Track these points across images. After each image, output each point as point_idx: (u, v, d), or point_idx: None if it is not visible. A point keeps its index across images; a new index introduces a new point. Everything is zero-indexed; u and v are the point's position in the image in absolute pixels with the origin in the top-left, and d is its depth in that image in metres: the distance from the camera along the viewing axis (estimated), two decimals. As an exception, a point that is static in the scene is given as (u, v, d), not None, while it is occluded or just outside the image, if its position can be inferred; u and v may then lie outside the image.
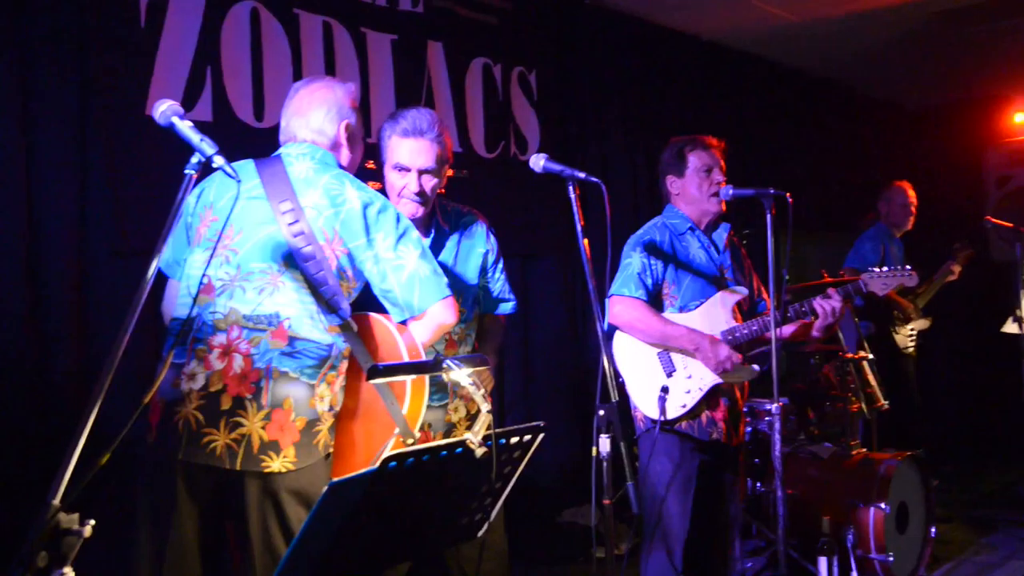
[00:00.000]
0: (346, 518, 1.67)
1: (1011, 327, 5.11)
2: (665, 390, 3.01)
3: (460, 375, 1.89)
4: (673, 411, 3.02)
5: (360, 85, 4.04)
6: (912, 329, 5.23)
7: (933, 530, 4.07)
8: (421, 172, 2.50)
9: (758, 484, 4.10)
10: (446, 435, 2.61)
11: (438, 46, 4.41)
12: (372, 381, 1.93)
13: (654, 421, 3.00)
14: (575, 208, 2.38)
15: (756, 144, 6.12)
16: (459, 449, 1.81)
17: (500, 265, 2.80)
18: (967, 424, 7.02)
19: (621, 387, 3.15)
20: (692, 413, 3.05)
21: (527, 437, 1.98)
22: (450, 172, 4.40)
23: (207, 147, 1.81)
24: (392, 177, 2.52)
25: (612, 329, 3.14)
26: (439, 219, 2.64)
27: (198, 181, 1.97)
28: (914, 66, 6.66)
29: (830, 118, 6.83)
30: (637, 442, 3.17)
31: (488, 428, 1.83)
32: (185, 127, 1.84)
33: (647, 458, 3.08)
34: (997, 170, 5.57)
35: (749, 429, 4.22)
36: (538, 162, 2.41)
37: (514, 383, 4.84)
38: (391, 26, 4.19)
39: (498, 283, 2.79)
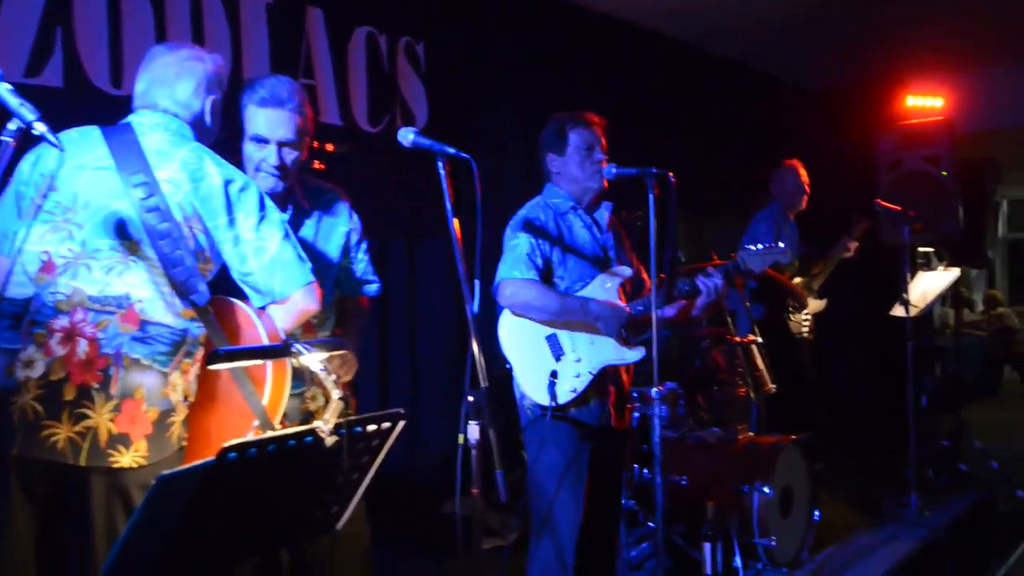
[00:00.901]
0: (182, 514, 1.64)
1: (899, 310, 5.34)
2: (554, 375, 3.04)
3: (310, 360, 1.87)
4: (563, 396, 3.05)
5: (232, 53, 3.94)
6: (807, 313, 5.40)
7: (817, 514, 4.24)
8: (280, 144, 2.46)
9: (645, 471, 4.18)
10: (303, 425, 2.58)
11: (318, 12, 4.33)
12: (212, 367, 1.90)
13: (543, 408, 3.02)
14: (445, 186, 2.37)
15: (656, 123, 6.21)
16: (308, 438, 1.79)
17: (364, 245, 2.78)
18: (859, 407, 7.33)
19: (508, 373, 3.17)
20: (582, 398, 3.09)
21: (386, 424, 1.97)
22: (330, 147, 4.40)
23: (27, 112, 1.75)
24: (249, 149, 2.47)
25: (498, 312, 3.16)
26: (298, 195, 2.60)
27: (21, 150, 1.89)
28: (813, 46, 6.86)
29: (729, 97, 6.97)
30: (523, 432, 3.20)
31: (340, 416, 1.82)
32: (3, 90, 1.76)
33: (536, 448, 3.11)
34: (889, 153, 5.79)
35: (637, 415, 4.30)
36: (407, 136, 2.39)
37: (400, 370, 4.83)
38: (266, -11, 4.10)
39: (361, 264, 2.78)
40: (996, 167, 6.21)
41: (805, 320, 5.37)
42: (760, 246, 3.15)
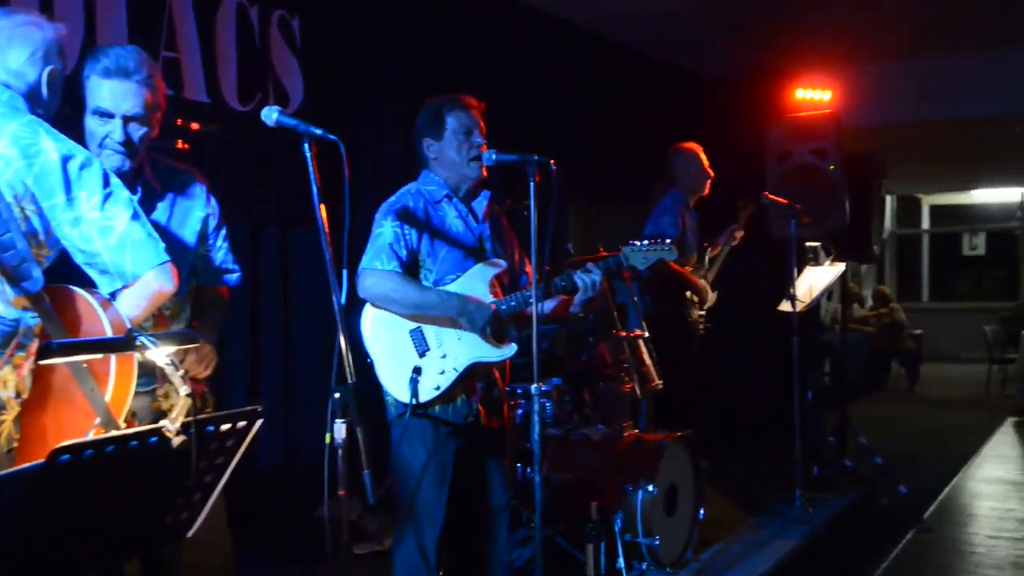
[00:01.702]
0: (9, 523, 1.56)
1: (785, 305, 5.52)
2: (418, 371, 3.02)
3: (156, 354, 1.81)
4: (426, 393, 3.04)
5: (84, 23, 3.78)
6: (703, 307, 5.51)
7: (702, 512, 4.35)
8: (127, 119, 2.36)
9: (528, 470, 4.21)
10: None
11: (182, -20, 4.19)
12: (44, 361, 1.82)
13: (406, 405, 3.01)
14: (311, 169, 2.34)
15: (550, 110, 6.26)
16: (153, 438, 1.73)
17: (223, 232, 2.71)
18: (747, 403, 7.55)
19: (371, 368, 3.14)
20: (447, 395, 3.08)
21: (241, 423, 1.93)
22: (195, 126, 4.27)
23: None
24: (91, 124, 2.37)
25: (361, 304, 3.13)
26: (148, 176, 2.51)
27: None
28: (708, 35, 7.03)
29: (626, 85, 7.08)
30: (388, 428, 3.18)
31: (191, 414, 1.77)
32: None
33: (397, 445, 3.09)
34: (778, 145, 5.95)
35: (520, 412, 4.33)
36: (270, 115, 2.35)
37: (272, 365, 4.74)
38: (124, -48, 3.94)
39: (220, 251, 2.71)
40: (882, 162, 6.45)
41: (700, 314, 5.48)
42: (645, 242, 3.19)
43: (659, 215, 5.35)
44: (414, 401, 3.01)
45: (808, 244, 6.74)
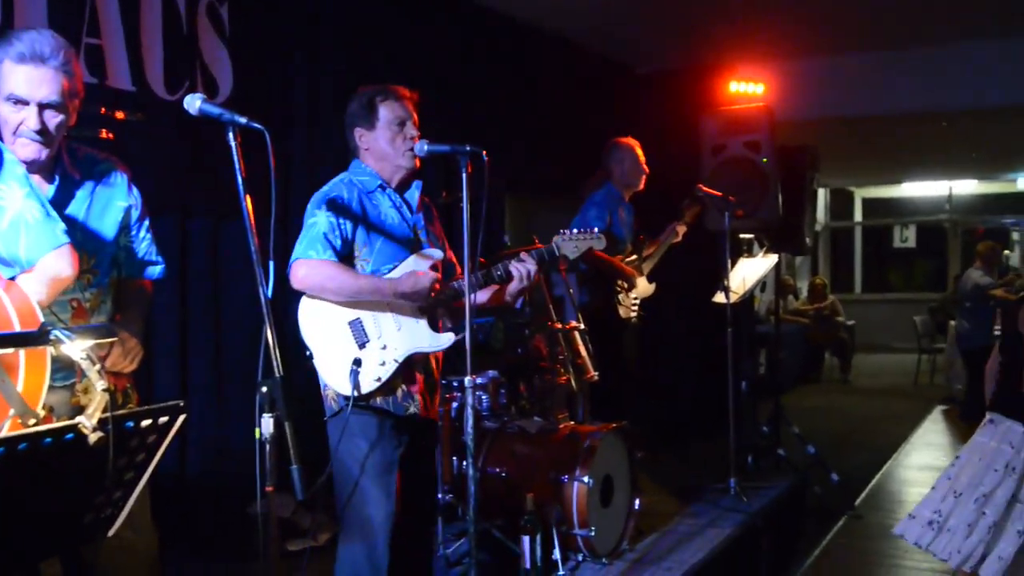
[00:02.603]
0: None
1: (720, 297, 5.59)
2: (358, 363, 2.99)
3: (71, 348, 1.75)
4: (367, 385, 3.02)
5: (2, 8, 3.67)
6: (635, 297, 5.54)
7: (637, 502, 4.38)
8: (42, 106, 2.29)
9: (464, 462, 4.20)
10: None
11: (104, -35, 4.09)
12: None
13: (347, 398, 2.98)
14: (236, 158, 2.30)
15: (486, 103, 6.24)
16: (69, 435, 1.69)
17: (146, 223, 2.64)
18: (684, 394, 7.64)
19: (308, 361, 3.10)
20: (387, 387, 3.06)
21: (163, 419, 1.88)
22: (120, 115, 4.16)
23: None
24: (6, 111, 2.29)
25: (296, 297, 3.09)
26: (67, 164, 2.43)
27: None
28: (644, 28, 7.08)
29: (563, 77, 7.09)
30: (327, 423, 3.14)
31: (106, 410, 1.72)
32: None
33: (338, 440, 3.06)
34: (712, 138, 6.01)
35: (456, 404, 4.32)
36: (193, 103, 2.29)
37: (201, 361, 4.65)
38: (43, -65, 3.83)
39: (143, 243, 2.64)
40: (815, 155, 6.56)
41: (634, 305, 5.50)
42: (574, 231, 3.21)
43: (588, 208, 5.40)
44: (355, 393, 2.98)
45: (742, 236, 6.84)
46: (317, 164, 4.92)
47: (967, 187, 16.91)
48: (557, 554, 3.96)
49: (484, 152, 2.87)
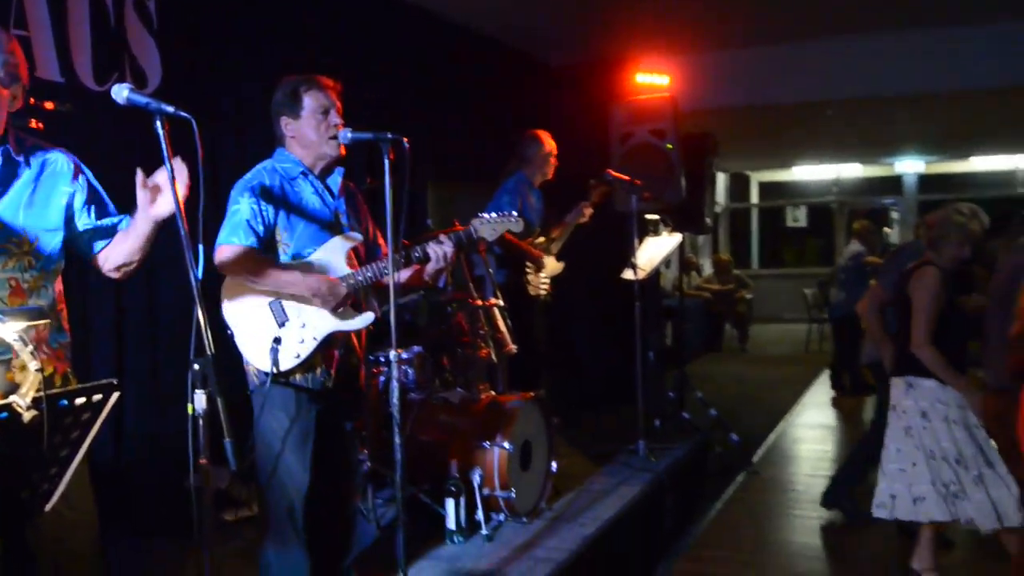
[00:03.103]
0: None
1: (628, 274, 5.67)
2: (277, 341, 2.96)
3: (4, 330, 1.70)
4: (287, 362, 2.99)
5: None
6: (545, 275, 5.58)
7: (554, 465, 4.44)
8: None
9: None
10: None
11: (31, -42, 3.93)
12: None
13: (267, 374, 2.95)
14: (164, 147, 2.25)
15: (407, 93, 6.19)
16: (3, 414, 1.64)
17: (94, 208, 2.56)
18: (596, 364, 7.74)
19: (230, 339, 3.06)
20: (307, 364, 3.04)
21: (97, 396, 1.84)
22: (49, 105, 4.01)
23: None
24: None
25: (222, 279, 3.04)
26: (12, 148, 2.34)
27: None
28: (555, 22, 7.09)
29: (482, 69, 7.07)
30: (250, 398, 3.11)
31: (39, 389, 1.68)
32: None
33: (259, 412, 3.04)
34: (620, 127, 6.08)
35: (383, 378, 4.31)
36: (120, 93, 2.23)
37: (139, 345, 4.54)
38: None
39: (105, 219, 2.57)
40: (714, 142, 6.68)
41: (543, 283, 5.55)
42: (493, 215, 3.23)
43: (500, 195, 5.42)
44: (274, 370, 2.95)
45: (648, 217, 6.94)
46: (245, 152, 4.82)
47: (852, 171, 17.41)
48: (480, 515, 4.00)
49: (405, 140, 2.86)
